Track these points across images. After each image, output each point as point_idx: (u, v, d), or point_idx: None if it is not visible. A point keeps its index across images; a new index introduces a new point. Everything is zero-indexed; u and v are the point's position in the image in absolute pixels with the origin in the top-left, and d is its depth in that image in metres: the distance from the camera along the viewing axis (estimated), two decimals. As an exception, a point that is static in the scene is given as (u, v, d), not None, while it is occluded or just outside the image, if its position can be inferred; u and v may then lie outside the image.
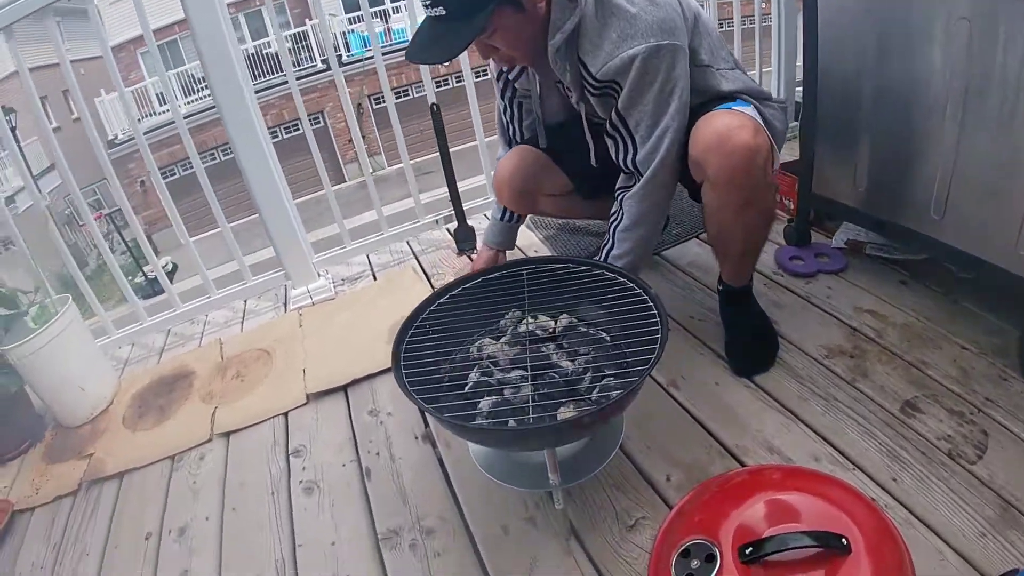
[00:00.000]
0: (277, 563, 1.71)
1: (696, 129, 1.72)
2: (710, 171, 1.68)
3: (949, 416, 1.65)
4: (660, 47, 1.60)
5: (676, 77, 1.65)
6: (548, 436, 1.36)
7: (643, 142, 1.73)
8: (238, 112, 2.68)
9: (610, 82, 1.67)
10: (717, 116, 1.69)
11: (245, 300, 3.21)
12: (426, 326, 1.66)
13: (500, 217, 2.43)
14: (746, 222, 1.76)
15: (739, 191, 1.68)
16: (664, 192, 1.84)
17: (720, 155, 1.64)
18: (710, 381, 1.93)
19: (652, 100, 1.67)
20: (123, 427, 2.43)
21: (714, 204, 1.75)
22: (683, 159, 1.77)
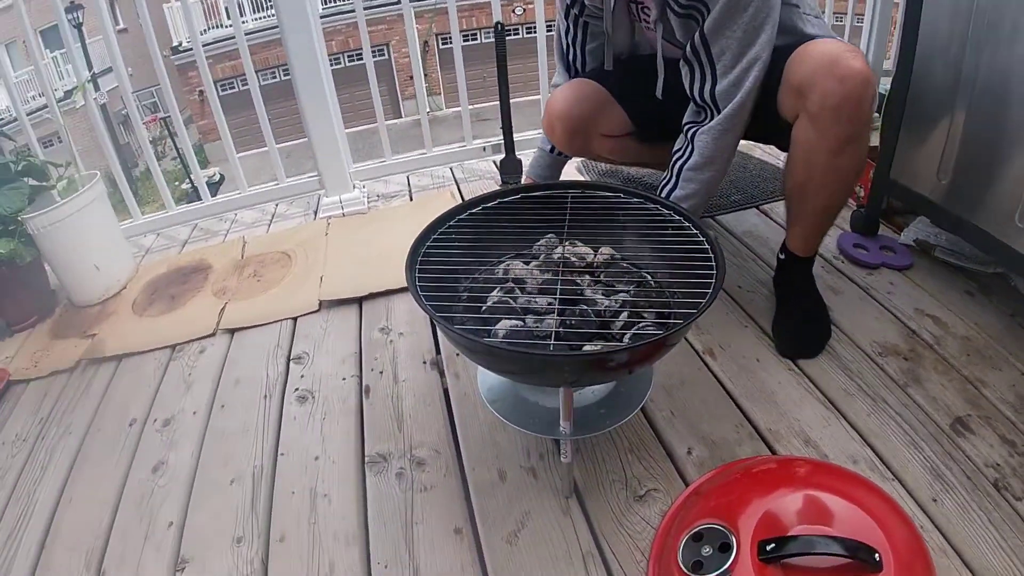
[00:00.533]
0: (255, 469, 1.64)
1: (797, 55, 1.57)
2: (815, 97, 1.52)
3: (1000, 443, 1.50)
4: None
5: (772, 5, 1.52)
6: (567, 370, 1.19)
7: (725, 73, 1.59)
8: (300, 33, 2.68)
9: (698, 1, 1.53)
10: (824, 42, 1.56)
11: (276, 203, 3.16)
12: (452, 235, 1.51)
13: (549, 149, 2.27)
14: (840, 166, 1.61)
15: (845, 124, 1.53)
16: (739, 132, 1.70)
17: (832, 79, 1.48)
18: (751, 356, 1.80)
19: (742, 28, 1.52)
20: (131, 311, 2.40)
21: (810, 141, 1.60)
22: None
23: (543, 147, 2.28)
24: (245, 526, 1.49)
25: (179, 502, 1.59)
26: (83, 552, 1.50)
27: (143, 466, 1.71)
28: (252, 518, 1.51)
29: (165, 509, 1.57)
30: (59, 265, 2.45)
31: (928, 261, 2.13)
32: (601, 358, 1.18)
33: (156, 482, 1.65)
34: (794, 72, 1.57)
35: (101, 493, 1.65)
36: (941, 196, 1.94)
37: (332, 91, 2.89)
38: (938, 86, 1.88)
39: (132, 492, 1.64)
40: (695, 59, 1.63)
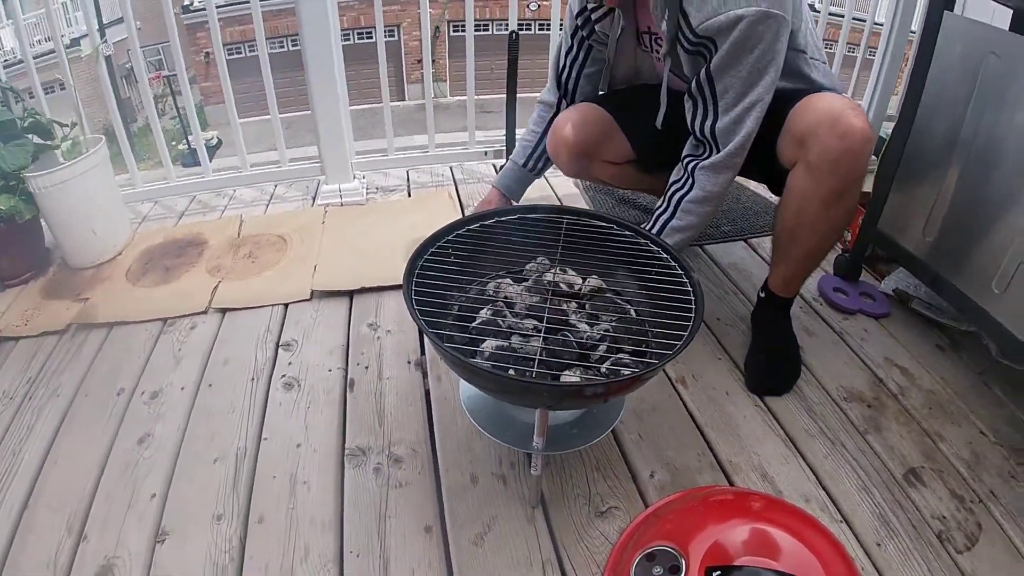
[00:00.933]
0: (239, 451, 1.68)
1: (802, 106, 1.63)
2: (816, 149, 1.58)
3: (949, 497, 1.57)
4: (769, 15, 1.49)
5: (777, 51, 1.56)
6: (545, 396, 1.26)
7: (726, 111, 1.64)
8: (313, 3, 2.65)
9: (708, 39, 1.57)
10: (827, 96, 1.62)
11: (276, 184, 3.18)
12: (449, 249, 1.57)
13: (523, 163, 2.23)
14: (830, 217, 1.68)
15: (840, 178, 1.59)
16: (737, 171, 1.75)
17: (832, 134, 1.55)
18: (721, 389, 1.86)
19: (747, 68, 1.57)
20: (125, 279, 2.42)
21: (804, 190, 1.66)
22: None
23: (516, 160, 2.25)
24: (226, 504, 1.54)
25: (163, 474, 1.62)
26: (66, 514, 1.53)
27: (129, 436, 1.74)
28: (233, 497, 1.56)
29: (149, 480, 1.61)
30: (57, 226, 2.45)
31: (904, 312, 2.19)
32: (578, 389, 1.25)
33: (141, 453, 1.69)
34: (797, 122, 1.62)
35: (86, 458, 1.68)
36: (924, 252, 1.99)
37: (343, 80, 2.91)
38: (936, 143, 1.93)
39: (117, 460, 1.67)
40: (699, 95, 1.67)
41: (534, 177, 2.29)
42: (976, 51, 1.77)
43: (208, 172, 3.11)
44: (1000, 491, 1.58)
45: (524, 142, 2.21)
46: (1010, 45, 1.70)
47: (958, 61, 1.85)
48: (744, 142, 1.65)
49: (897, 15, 3.06)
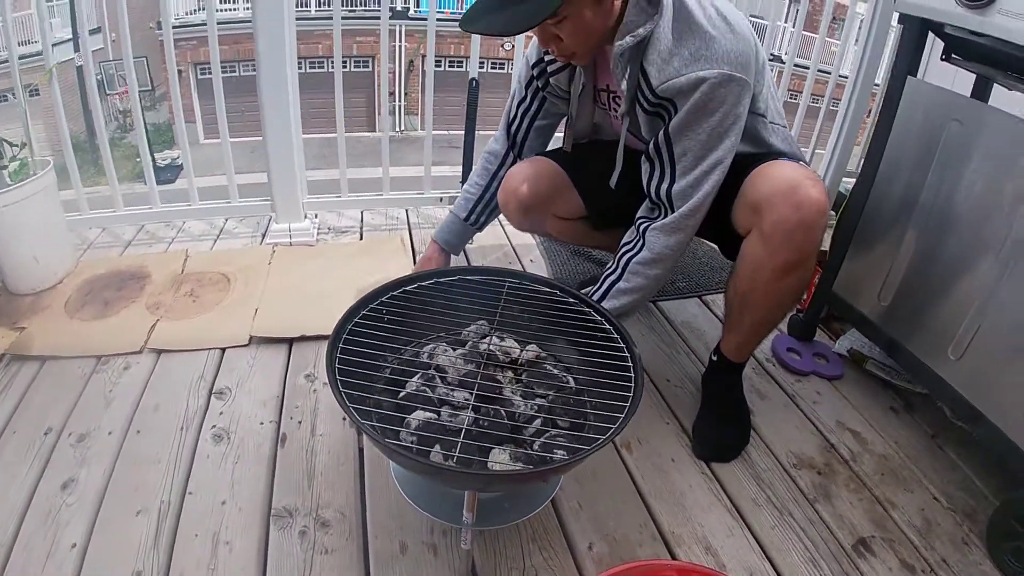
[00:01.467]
0: (162, 504, 1.61)
1: (759, 173, 1.61)
2: (771, 218, 1.55)
3: (900, 567, 1.54)
4: (732, 78, 1.48)
5: (738, 115, 1.54)
6: (472, 482, 1.22)
7: (684, 173, 1.61)
8: (271, 27, 2.60)
9: (668, 100, 1.55)
10: (784, 165, 1.60)
11: (226, 219, 3.11)
12: (383, 311, 1.52)
13: (465, 217, 2.15)
14: (782, 287, 1.64)
15: (794, 250, 1.56)
16: (691, 234, 1.71)
17: (788, 204, 1.52)
18: (667, 455, 1.81)
19: (707, 131, 1.54)
20: (63, 310, 2.34)
21: (758, 258, 1.62)
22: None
23: (457, 214, 2.17)
24: (146, 561, 1.47)
25: (84, 524, 1.55)
26: (-16, 560, 1.47)
27: (54, 479, 1.67)
28: (154, 554, 1.49)
29: (70, 529, 1.54)
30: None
31: (857, 372, 2.17)
32: (507, 475, 1.20)
33: (64, 499, 1.62)
34: (753, 189, 1.60)
35: (8, 501, 1.61)
36: (879, 316, 1.99)
37: (296, 91, 2.84)
38: (894, 207, 1.93)
39: (40, 505, 1.60)
40: (656, 156, 1.64)
41: (475, 231, 2.22)
42: (938, 117, 1.78)
43: (156, 203, 3.02)
44: (952, 559, 1.57)
45: (467, 194, 2.16)
46: (972, 112, 1.70)
47: (920, 126, 1.85)
48: (699, 204, 1.62)
49: (862, 69, 3.09)
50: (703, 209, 1.64)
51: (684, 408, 1.98)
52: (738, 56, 1.49)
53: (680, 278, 2.65)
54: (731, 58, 1.48)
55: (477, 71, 2.87)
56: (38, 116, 2.57)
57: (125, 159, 14.08)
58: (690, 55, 1.48)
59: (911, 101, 1.87)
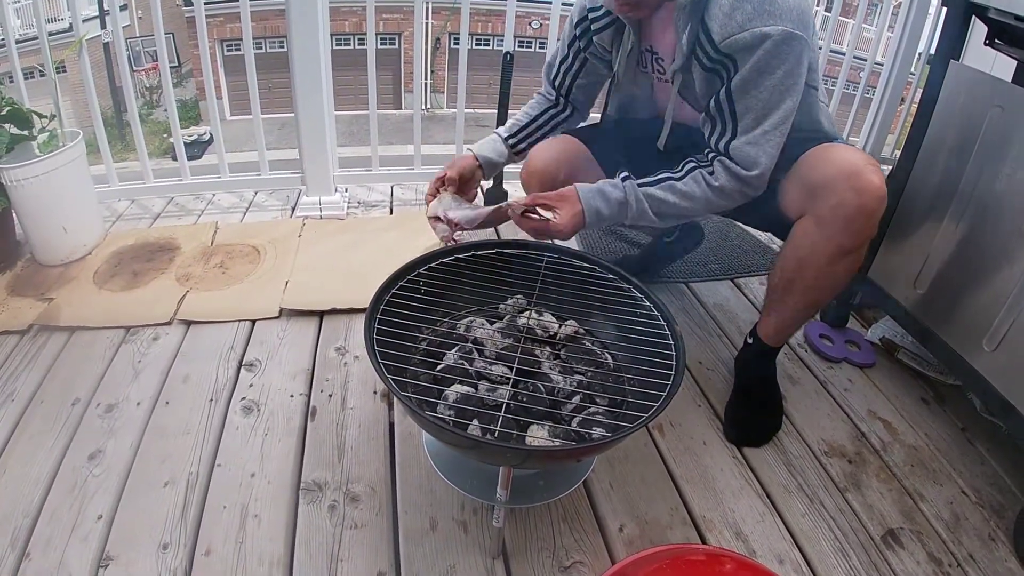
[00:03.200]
0: (190, 476, 1.61)
1: (816, 156, 1.57)
2: (829, 203, 1.51)
3: (928, 560, 1.52)
4: (794, 36, 1.43)
5: (798, 75, 1.49)
6: (510, 457, 1.20)
7: (746, 131, 1.54)
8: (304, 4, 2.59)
9: (728, 57, 1.49)
10: (843, 148, 1.55)
11: (255, 192, 3.12)
12: (420, 283, 1.50)
13: (507, 136, 1.96)
14: (833, 273, 1.60)
15: (851, 236, 1.52)
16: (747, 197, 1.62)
17: (850, 189, 1.47)
18: (699, 438, 1.79)
19: (768, 89, 1.49)
20: (92, 281, 2.36)
21: (811, 242, 1.58)
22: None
23: (501, 133, 1.98)
24: (173, 533, 1.47)
25: (111, 495, 1.56)
26: (10, 529, 1.47)
27: (80, 451, 1.68)
28: (181, 526, 1.49)
29: (97, 500, 1.55)
30: (27, 220, 2.40)
31: (889, 362, 2.14)
32: (545, 452, 1.18)
33: (91, 470, 1.62)
34: (810, 171, 1.55)
35: (35, 471, 1.62)
36: (913, 304, 1.96)
37: (330, 93, 2.85)
38: (932, 196, 1.89)
39: (66, 476, 1.61)
40: (717, 115, 1.58)
41: (513, 159, 2.02)
42: (980, 103, 1.73)
43: (187, 175, 3.03)
44: (979, 555, 1.54)
45: (515, 121, 2.04)
46: (1015, 98, 1.66)
47: (961, 112, 1.81)
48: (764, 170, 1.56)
49: (898, 57, 3.04)
50: (766, 174, 1.58)
51: (716, 391, 1.96)
52: (800, 14, 1.44)
53: (712, 260, 2.63)
54: (794, 15, 1.43)
55: (512, 44, 2.83)
56: (66, 92, 2.57)
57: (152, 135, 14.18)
58: (753, 10, 1.43)
59: (953, 85, 1.83)
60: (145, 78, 17.00)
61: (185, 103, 17.59)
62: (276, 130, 11.33)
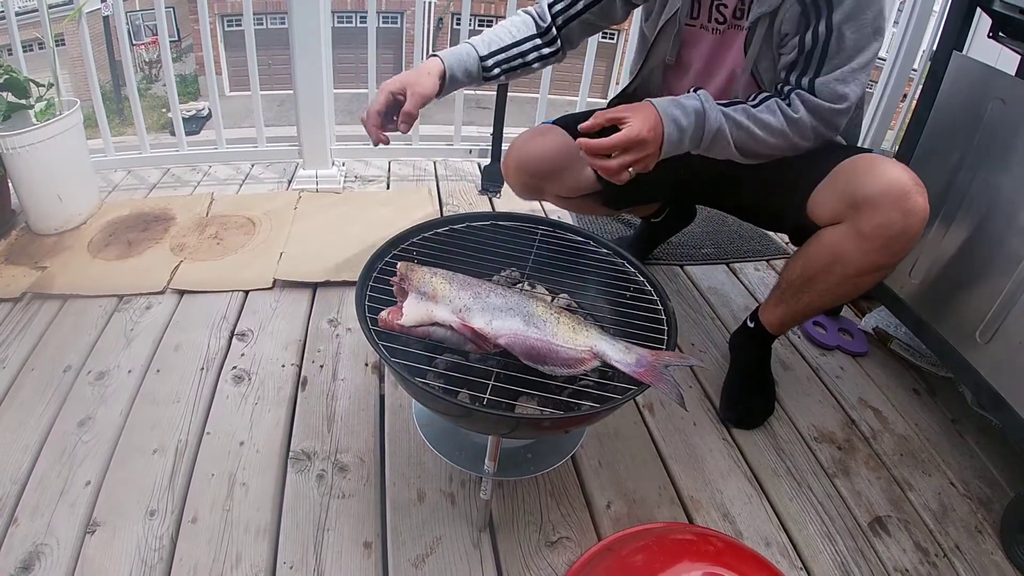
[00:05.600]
0: (179, 443, 1.61)
1: (860, 167, 1.50)
2: (873, 219, 1.44)
3: (914, 549, 1.52)
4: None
5: (884, 15, 1.44)
6: (499, 425, 1.20)
7: (833, 69, 1.48)
8: None
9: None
10: (889, 163, 1.48)
11: (252, 164, 3.11)
12: (413, 252, 1.49)
13: (482, 55, 1.65)
14: (857, 284, 1.57)
15: (889, 255, 1.48)
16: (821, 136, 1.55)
17: (897, 209, 1.42)
18: (688, 419, 1.80)
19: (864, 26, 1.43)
20: (86, 250, 2.35)
21: (845, 253, 1.52)
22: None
23: (476, 47, 1.66)
24: (160, 500, 1.47)
25: (100, 462, 1.56)
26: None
27: (70, 417, 1.67)
28: (168, 493, 1.49)
29: (85, 466, 1.55)
30: (22, 188, 2.39)
31: (882, 351, 2.14)
32: (534, 421, 1.18)
33: (80, 437, 1.62)
34: (854, 183, 1.48)
35: (24, 437, 1.61)
36: (909, 295, 1.96)
37: (329, 62, 2.83)
38: (931, 186, 1.79)
39: (55, 442, 1.61)
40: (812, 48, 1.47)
41: (480, 78, 1.68)
42: (982, 95, 1.72)
43: (183, 146, 3.02)
44: (965, 546, 1.54)
45: (494, 36, 1.71)
46: (1016, 91, 1.64)
47: (962, 103, 1.80)
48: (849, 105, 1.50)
49: (901, 51, 3.04)
50: (849, 112, 1.52)
51: (708, 373, 1.96)
52: None
53: (708, 244, 2.63)
54: None
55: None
56: (65, 65, 2.55)
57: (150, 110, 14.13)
58: None
59: (955, 77, 1.82)
60: (144, 52, 16.92)
61: (184, 77, 17.51)
62: (275, 107, 11.30)
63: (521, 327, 1.20)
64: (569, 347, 1.19)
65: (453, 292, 1.24)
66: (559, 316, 1.24)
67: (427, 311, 1.22)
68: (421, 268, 1.28)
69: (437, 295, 1.24)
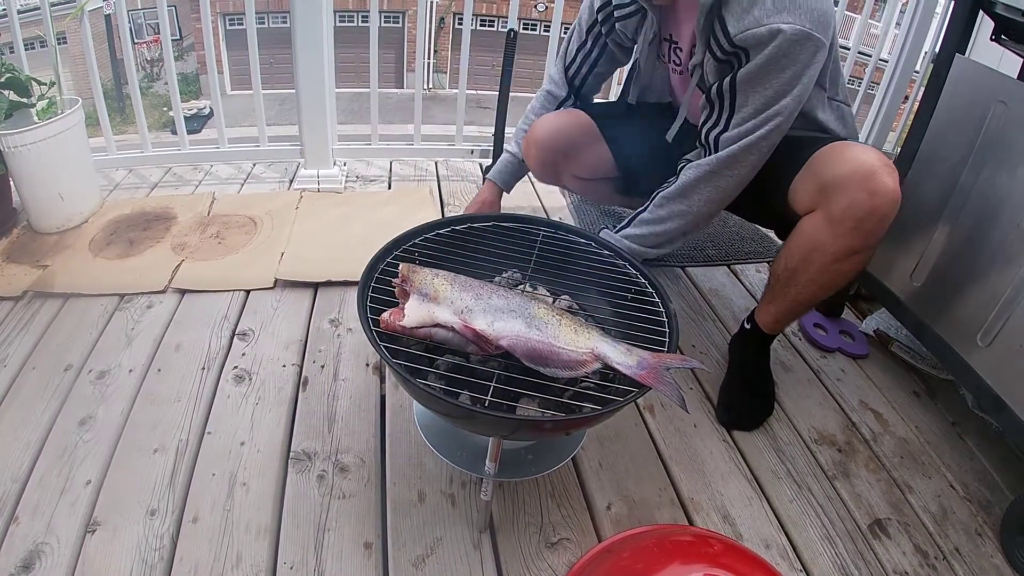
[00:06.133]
0: (180, 443, 1.61)
1: (831, 153, 1.55)
2: (841, 203, 1.49)
3: (914, 552, 1.52)
4: (810, 37, 1.42)
5: (808, 76, 1.49)
6: (500, 427, 1.20)
7: (739, 124, 1.56)
8: None
9: (740, 50, 1.49)
10: (858, 147, 1.52)
11: (254, 164, 3.11)
12: (415, 253, 1.49)
13: (522, 159, 2.09)
14: (838, 271, 1.59)
15: (861, 237, 1.50)
16: (731, 183, 1.64)
17: (863, 190, 1.45)
18: (689, 421, 1.79)
19: (773, 87, 1.49)
20: (87, 249, 2.35)
21: (819, 239, 1.56)
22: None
23: (514, 153, 2.11)
24: (161, 499, 1.47)
25: (101, 461, 1.55)
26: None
27: (71, 416, 1.67)
28: (169, 492, 1.48)
29: (86, 465, 1.54)
30: (24, 187, 2.38)
31: (882, 354, 2.14)
32: (535, 423, 1.18)
33: (81, 436, 1.62)
34: (824, 169, 1.53)
35: (25, 436, 1.61)
36: (910, 297, 1.95)
37: (331, 62, 2.82)
38: (932, 189, 1.87)
39: (56, 441, 1.60)
40: (718, 101, 1.59)
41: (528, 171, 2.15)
42: (984, 98, 1.72)
43: (185, 145, 3.03)
44: (965, 549, 1.54)
45: (523, 131, 2.09)
46: (1018, 94, 1.64)
47: (964, 106, 1.79)
48: (740, 153, 1.58)
49: (904, 52, 3.05)
50: (750, 155, 1.59)
51: (708, 375, 1.96)
52: (821, 16, 1.43)
53: (710, 246, 2.62)
54: (814, 16, 1.42)
55: (516, 22, 2.81)
56: (66, 64, 2.55)
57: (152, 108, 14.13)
58: (772, 6, 1.42)
59: (957, 79, 1.82)
60: (146, 50, 16.92)
61: (185, 76, 17.51)
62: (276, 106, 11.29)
63: (523, 329, 1.21)
64: (571, 349, 1.20)
65: (455, 294, 1.25)
66: (560, 318, 1.24)
67: (429, 313, 1.23)
68: (423, 269, 1.29)
69: (439, 296, 1.24)
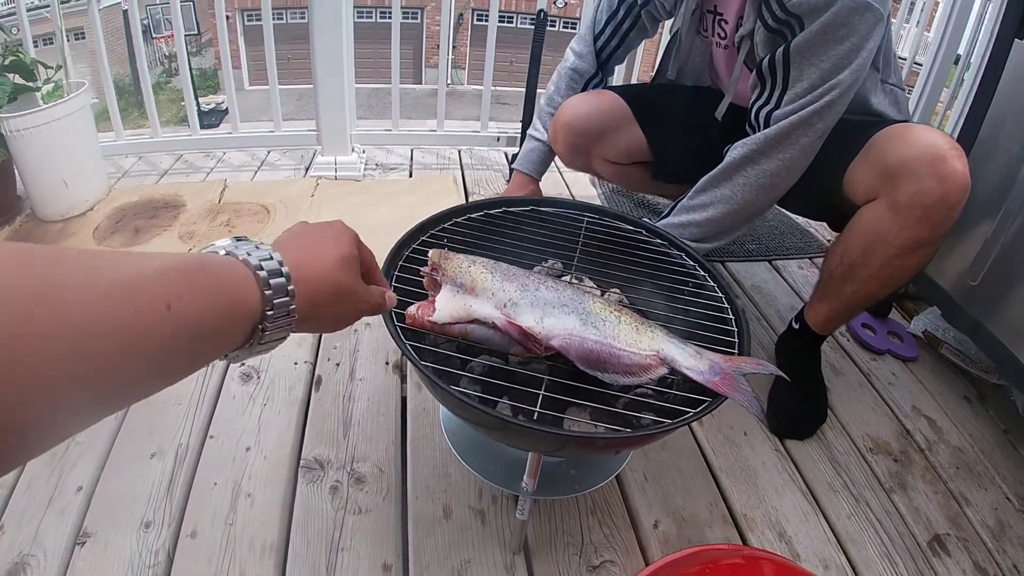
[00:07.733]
0: (179, 448, 1.49)
1: (898, 134, 1.43)
2: (908, 188, 1.37)
3: (973, 570, 1.40)
4: (870, 6, 1.31)
5: (868, 51, 1.37)
6: (545, 442, 1.04)
7: (792, 100, 1.45)
8: None
9: (794, 17, 1.37)
10: (925, 129, 1.41)
11: (268, 151, 3.03)
12: (444, 239, 1.33)
13: (548, 142, 2.00)
14: (902, 265, 1.47)
15: (929, 227, 1.39)
16: (780, 167, 1.53)
17: (933, 176, 1.34)
18: (739, 428, 1.67)
19: (831, 59, 1.37)
20: (91, 237, 2.27)
21: (882, 230, 1.44)
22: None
23: (539, 137, 2.02)
24: (157, 510, 1.35)
25: (93, 466, 1.44)
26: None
27: (64, 417, 1.55)
28: (166, 503, 1.37)
29: (77, 471, 1.43)
30: (28, 173, 2.32)
31: (932, 356, 2.03)
32: (587, 440, 1.02)
33: (74, 438, 1.50)
34: (887, 152, 1.42)
35: (12, 437, 1.50)
36: (964, 296, 1.84)
37: (350, 45, 2.74)
38: (990, 181, 1.75)
39: (47, 444, 1.49)
40: (769, 76, 1.48)
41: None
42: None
43: (196, 130, 2.96)
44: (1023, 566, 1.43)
45: (548, 113, 2.00)
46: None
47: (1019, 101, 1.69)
48: (790, 130, 1.46)
49: (939, 55, 3.01)
50: (795, 142, 1.48)
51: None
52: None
53: (750, 241, 2.53)
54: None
55: (546, 3, 2.72)
56: (83, 59, 2.49)
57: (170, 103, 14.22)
58: None
59: (1016, 66, 1.71)
60: (164, 45, 17.10)
61: (204, 71, 17.76)
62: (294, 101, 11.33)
63: (577, 327, 1.04)
64: (632, 351, 1.04)
65: (496, 284, 1.08)
66: (620, 314, 1.08)
67: (465, 306, 1.06)
68: (457, 256, 1.12)
69: (476, 287, 1.07)
